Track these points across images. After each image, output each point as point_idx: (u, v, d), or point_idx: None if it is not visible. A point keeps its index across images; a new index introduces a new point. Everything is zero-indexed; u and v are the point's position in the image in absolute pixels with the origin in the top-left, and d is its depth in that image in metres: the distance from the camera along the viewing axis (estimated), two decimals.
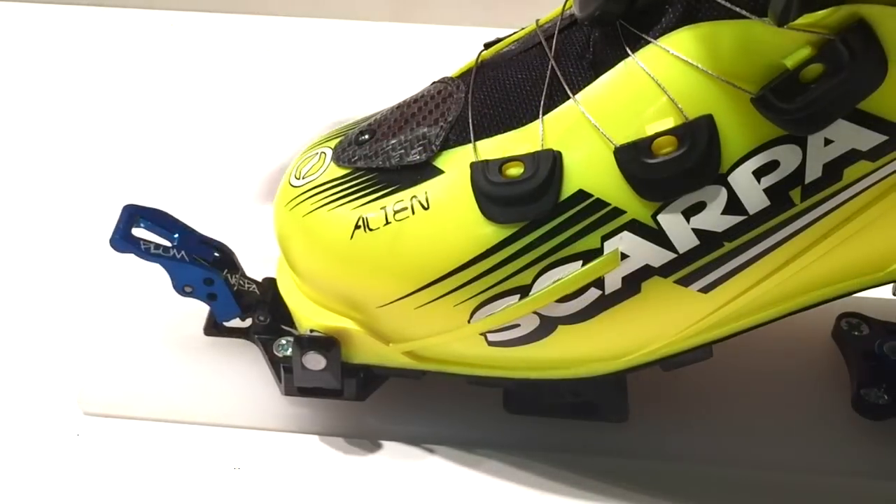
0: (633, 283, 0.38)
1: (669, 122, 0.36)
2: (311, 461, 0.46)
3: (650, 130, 0.36)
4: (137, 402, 0.47)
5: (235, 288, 0.47)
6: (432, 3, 0.77)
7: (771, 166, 0.36)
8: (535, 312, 0.39)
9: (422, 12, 0.77)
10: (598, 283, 0.38)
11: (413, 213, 0.39)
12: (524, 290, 0.39)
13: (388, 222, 0.40)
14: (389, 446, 0.46)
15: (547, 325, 0.39)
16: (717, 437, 0.46)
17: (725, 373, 0.48)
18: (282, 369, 0.46)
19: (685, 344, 0.40)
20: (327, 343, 0.43)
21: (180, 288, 0.47)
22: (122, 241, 0.44)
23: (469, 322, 0.40)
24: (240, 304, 0.48)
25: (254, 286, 0.48)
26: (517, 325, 0.40)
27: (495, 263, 0.38)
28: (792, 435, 0.46)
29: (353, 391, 0.46)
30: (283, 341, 0.47)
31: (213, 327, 0.49)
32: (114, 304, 0.50)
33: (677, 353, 0.40)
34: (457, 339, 0.41)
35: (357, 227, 0.40)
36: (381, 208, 0.40)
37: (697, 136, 0.35)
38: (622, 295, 0.38)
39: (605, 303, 0.38)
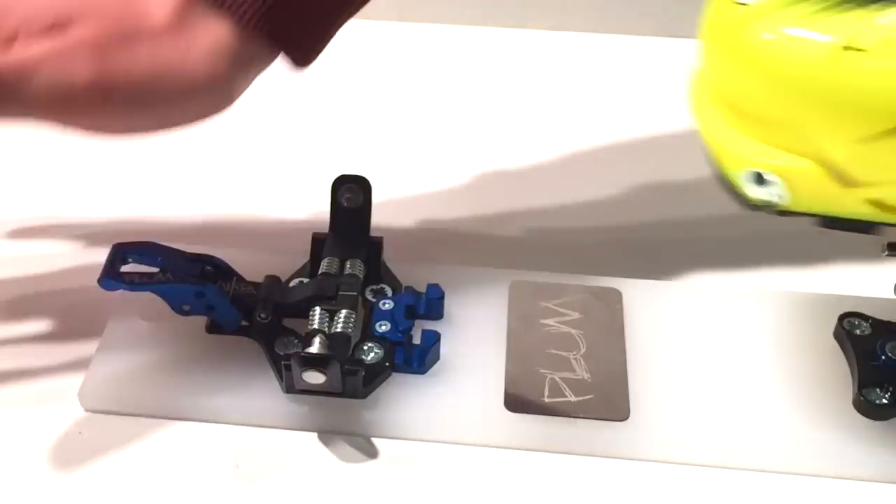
0: None
1: None
2: (311, 459, 0.45)
3: None
4: (139, 399, 0.47)
5: (231, 294, 0.48)
6: (439, 3, 0.77)
7: None
8: None
9: (428, 11, 0.76)
10: None
11: None
12: None
13: (884, 39, 0.34)
14: (389, 444, 0.46)
15: None
16: (717, 437, 0.46)
17: (726, 373, 0.48)
18: (283, 367, 0.46)
19: None
20: (325, 361, 0.44)
21: (178, 308, 0.48)
22: (109, 280, 0.46)
23: None
24: (239, 308, 0.48)
25: (251, 288, 0.49)
26: None
27: None
28: (792, 435, 0.45)
29: (353, 389, 0.46)
30: (284, 339, 0.47)
31: (215, 325, 0.49)
32: (116, 301, 0.50)
33: None
34: None
35: (840, 45, 0.35)
36: (874, 22, 0.35)
37: None
38: None
39: None
